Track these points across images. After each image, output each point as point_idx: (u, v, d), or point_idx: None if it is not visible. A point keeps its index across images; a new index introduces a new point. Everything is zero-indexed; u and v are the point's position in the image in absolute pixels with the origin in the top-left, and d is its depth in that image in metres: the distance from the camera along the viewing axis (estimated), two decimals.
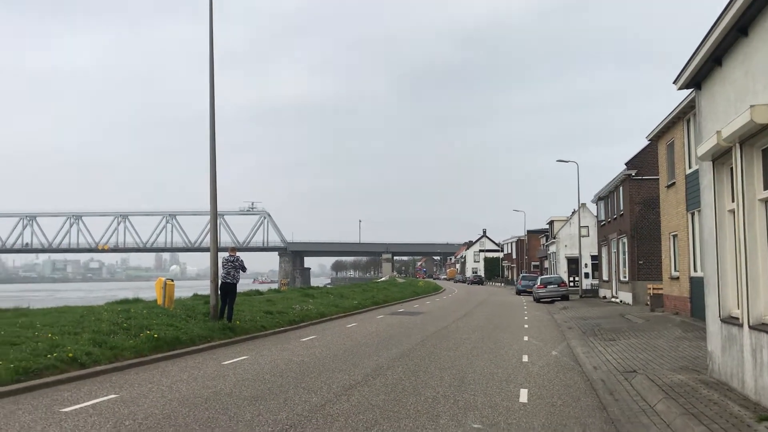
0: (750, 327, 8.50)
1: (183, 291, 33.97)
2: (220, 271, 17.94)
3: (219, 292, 17.73)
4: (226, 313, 17.64)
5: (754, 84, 8.17)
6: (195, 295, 25.29)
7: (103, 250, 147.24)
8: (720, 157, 9.74)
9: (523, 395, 9.90)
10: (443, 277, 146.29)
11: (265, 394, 9.78)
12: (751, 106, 7.71)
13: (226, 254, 18.24)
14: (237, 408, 8.77)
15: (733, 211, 9.41)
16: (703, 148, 9.83)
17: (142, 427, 7.69)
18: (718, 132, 8.98)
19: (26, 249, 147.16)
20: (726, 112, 9.32)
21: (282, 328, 19.68)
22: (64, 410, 8.63)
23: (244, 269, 18.12)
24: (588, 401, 9.63)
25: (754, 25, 8.11)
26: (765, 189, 8.22)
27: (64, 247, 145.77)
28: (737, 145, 8.71)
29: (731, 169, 9.36)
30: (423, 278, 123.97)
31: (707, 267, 10.63)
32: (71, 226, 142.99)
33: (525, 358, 14.12)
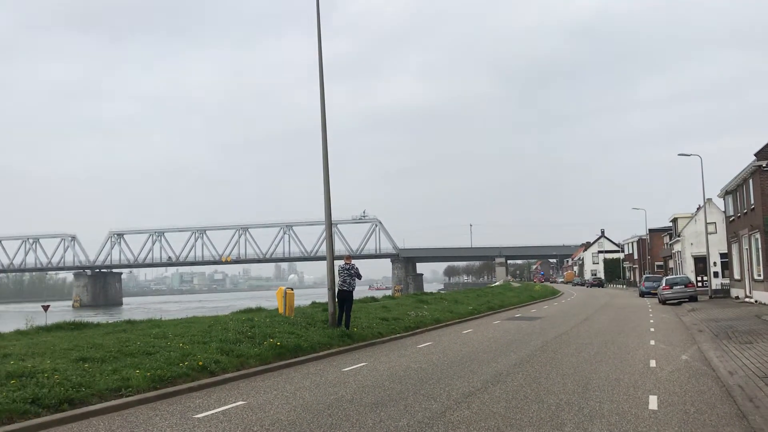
0: None
1: (301, 299, 34.95)
2: (337, 279, 18.31)
3: (336, 300, 18.10)
4: (343, 320, 17.99)
5: None
6: (313, 303, 25.95)
7: (226, 262, 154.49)
8: None
9: (653, 402, 9.44)
10: (560, 280, 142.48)
11: (385, 400, 9.86)
12: None
13: (341, 262, 18.62)
14: (359, 414, 8.89)
15: None
16: None
17: None
18: None
19: (156, 263, 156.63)
20: None
21: (398, 335, 19.82)
22: (196, 416, 9.07)
23: (359, 277, 18.42)
24: (725, 409, 9.05)
25: None
26: None
27: (190, 260, 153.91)
28: None
29: None
30: (541, 281, 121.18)
31: None
32: (196, 240, 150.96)
33: (653, 363, 13.48)
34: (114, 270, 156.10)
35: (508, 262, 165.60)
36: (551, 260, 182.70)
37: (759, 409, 8.94)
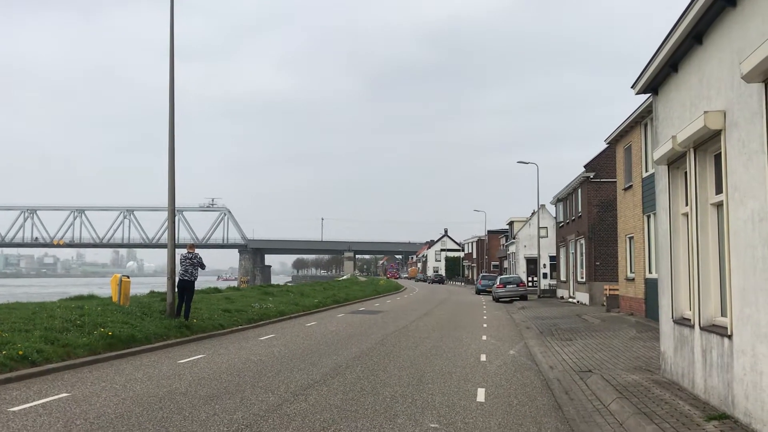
0: (701, 328, 8.70)
1: (140, 288, 33.40)
2: (178, 268, 17.67)
3: (176, 290, 17.47)
4: (183, 311, 17.39)
5: (708, 90, 8.35)
6: (152, 293, 24.87)
7: (57, 245, 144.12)
8: (675, 161, 9.95)
9: (481, 394, 9.97)
10: (404, 276, 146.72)
11: (221, 393, 9.67)
12: (705, 112, 7.88)
13: (184, 251, 17.99)
14: (192, 407, 8.65)
15: (686, 215, 9.62)
16: (659, 152, 10.03)
17: (94, 427, 7.53)
18: (674, 137, 9.17)
19: None
20: (681, 118, 9.52)
21: (241, 327, 19.49)
22: (12, 409, 8.40)
23: (202, 266, 17.89)
24: (544, 400, 9.74)
25: (708, 34, 8.30)
26: (717, 193, 8.41)
27: (17, 242, 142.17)
28: (691, 150, 8.90)
29: (685, 173, 9.57)
30: (396, 277, 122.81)
31: (661, 269, 10.85)
32: (25, 220, 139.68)
33: (483, 358, 14.23)
34: None
35: (356, 256, 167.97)
36: (397, 256, 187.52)
37: (573, 401, 9.73)
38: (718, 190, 8.36)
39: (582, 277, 36.47)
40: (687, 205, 9.50)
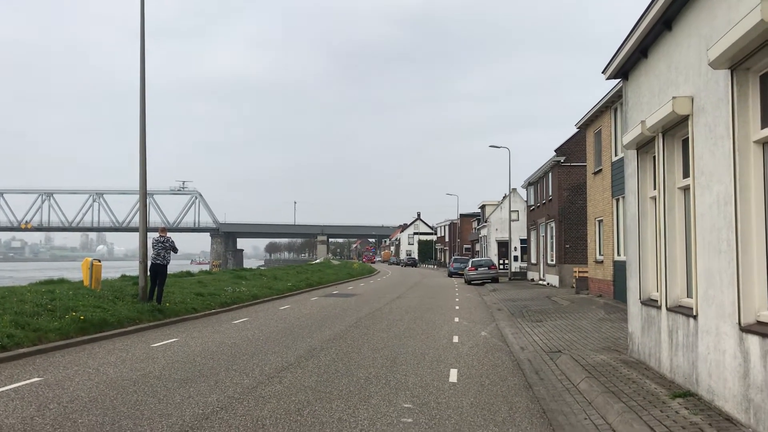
0: (667, 309, 8.92)
1: (111, 272, 33.11)
2: (150, 252, 17.56)
3: (149, 274, 17.37)
4: (155, 294, 17.31)
5: (676, 76, 8.51)
6: (123, 276, 24.69)
7: (25, 229, 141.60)
8: (644, 145, 10.13)
9: (453, 375, 10.13)
10: (378, 259, 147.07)
11: (195, 376, 9.69)
12: (673, 98, 8.04)
13: (156, 235, 17.87)
14: (166, 390, 8.66)
15: (654, 198, 9.82)
16: (629, 137, 10.20)
17: (68, 411, 7.52)
18: (643, 122, 9.34)
19: None
20: (650, 103, 9.69)
21: (213, 311, 19.45)
22: None
23: (175, 250, 17.80)
24: (515, 381, 9.93)
25: (677, 20, 8.44)
26: (684, 178, 8.60)
27: None
28: (660, 134, 9.07)
29: (654, 157, 9.75)
30: (373, 261, 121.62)
31: (629, 251, 11.08)
32: None
33: (455, 339, 14.41)
34: None
35: (330, 240, 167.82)
36: (371, 240, 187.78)
37: (543, 381, 9.93)
38: (686, 174, 8.55)
39: (552, 260, 36.94)
40: (655, 189, 9.69)
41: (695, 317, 7.78)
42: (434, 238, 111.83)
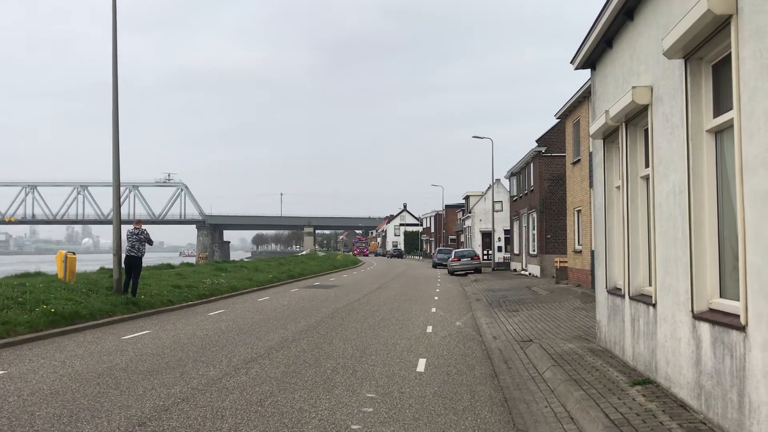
0: (630, 297, 8.99)
1: (94, 264, 32.85)
2: (125, 245, 17.46)
3: (123, 266, 17.27)
4: (130, 287, 17.22)
5: (638, 66, 8.54)
6: (101, 269, 24.53)
7: (9, 222, 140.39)
8: (609, 135, 10.18)
9: (421, 365, 10.16)
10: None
11: (162, 368, 9.66)
12: (633, 87, 8.07)
13: (131, 227, 17.77)
14: (130, 382, 8.64)
15: (620, 188, 9.87)
16: (594, 126, 10.24)
17: (27, 404, 7.48)
18: (606, 111, 9.38)
19: None
20: (615, 93, 9.72)
21: (190, 303, 19.38)
22: None
23: (150, 242, 17.71)
24: (482, 370, 9.98)
25: (639, 10, 8.46)
26: (646, 167, 8.64)
27: None
28: (623, 124, 9.12)
29: (619, 147, 9.79)
30: (365, 254, 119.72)
31: (597, 241, 11.14)
32: None
33: (429, 329, 14.46)
34: None
35: (317, 232, 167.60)
36: (357, 231, 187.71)
37: (510, 370, 9.99)
38: (647, 163, 8.59)
39: (534, 250, 37.10)
40: (620, 178, 9.74)
41: (654, 305, 7.84)
42: (420, 229, 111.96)
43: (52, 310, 13.50)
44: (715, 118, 6.34)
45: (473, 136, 46.89)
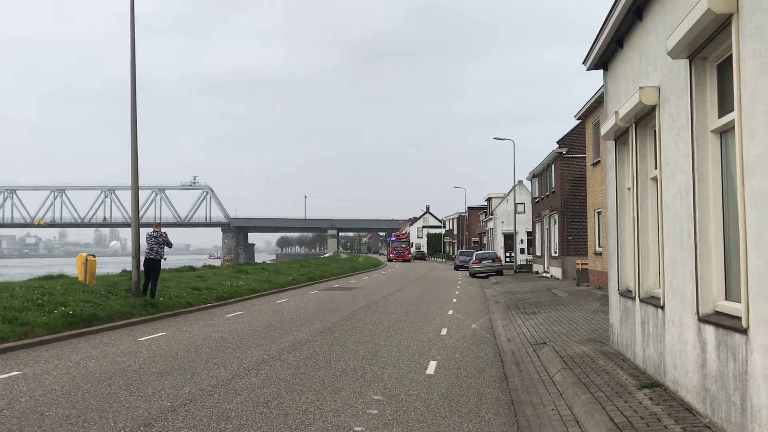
0: (641, 300, 8.89)
1: (119, 267, 33.23)
2: (144, 247, 17.69)
3: (142, 268, 17.49)
4: (149, 289, 17.43)
5: (646, 66, 8.46)
6: (123, 271, 24.83)
7: (39, 225, 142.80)
8: (621, 136, 10.08)
9: (431, 367, 10.14)
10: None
11: (173, 369, 9.76)
12: (641, 88, 7.99)
13: (150, 230, 17.99)
14: (141, 383, 8.74)
15: (630, 189, 9.76)
16: (606, 127, 10.15)
17: (38, 404, 7.61)
18: (616, 112, 9.30)
19: None
20: (626, 93, 9.62)
21: (209, 305, 19.55)
22: None
23: (169, 245, 17.91)
24: (492, 372, 9.93)
25: (647, 9, 8.37)
26: (655, 168, 8.54)
27: None
28: (633, 125, 9.03)
29: (630, 148, 9.69)
30: (407, 258, 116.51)
31: (609, 243, 11.04)
32: (5, 200, 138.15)
33: (444, 332, 14.42)
34: None
35: (340, 234, 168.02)
36: (380, 233, 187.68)
37: (521, 373, 9.93)
38: (656, 165, 8.50)
39: (556, 252, 36.82)
40: (631, 179, 9.64)
41: (662, 308, 7.75)
42: (443, 231, 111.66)
43: (70, 312, 13.71)
44: (720, 119, 6.25)
45: (494, 138, 46.74)
